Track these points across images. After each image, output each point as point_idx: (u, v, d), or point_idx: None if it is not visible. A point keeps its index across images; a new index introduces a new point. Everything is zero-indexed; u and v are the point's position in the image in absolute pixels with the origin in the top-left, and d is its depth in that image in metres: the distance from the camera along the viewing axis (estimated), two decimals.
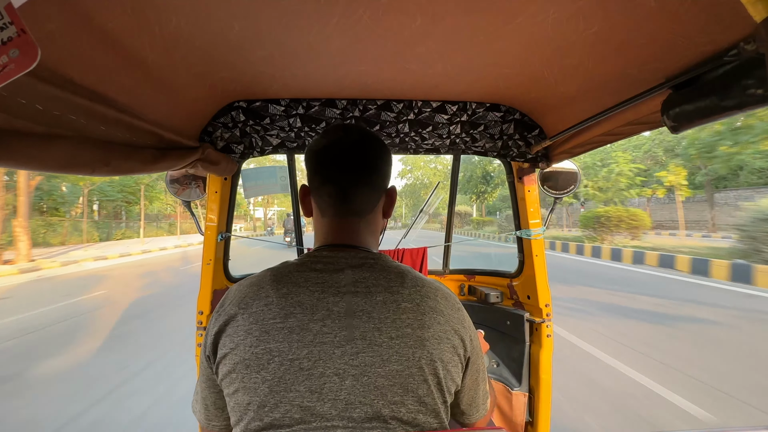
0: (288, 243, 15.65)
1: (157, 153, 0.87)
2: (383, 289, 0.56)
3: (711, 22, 0.59)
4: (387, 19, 0.68)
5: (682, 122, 0.71)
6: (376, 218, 0.67)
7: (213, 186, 1.37)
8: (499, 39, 0.76)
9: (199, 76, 0.91)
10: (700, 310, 5.45)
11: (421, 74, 1.00)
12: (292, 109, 1.21)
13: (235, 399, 0.53)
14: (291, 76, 1.00)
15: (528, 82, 1.03)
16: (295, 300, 0.55)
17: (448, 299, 0.60)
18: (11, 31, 0.36)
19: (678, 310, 5.49)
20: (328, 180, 0.63)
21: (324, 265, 0.59)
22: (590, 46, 0.74)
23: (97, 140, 0.70)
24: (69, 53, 0.59)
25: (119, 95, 0.74)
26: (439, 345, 0.55)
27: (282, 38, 0.76)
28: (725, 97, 0.61)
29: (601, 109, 0.91)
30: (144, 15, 0.61)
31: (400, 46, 0.81)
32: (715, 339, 4.24)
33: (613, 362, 3.57)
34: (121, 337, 4.51)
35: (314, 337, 0.52)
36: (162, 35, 0.68)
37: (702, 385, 3.10)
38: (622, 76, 0.82)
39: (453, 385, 0.57)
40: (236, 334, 0.54)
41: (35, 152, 0.58)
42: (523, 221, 1.49)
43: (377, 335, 0.53)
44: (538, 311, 1.41)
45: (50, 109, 0.59)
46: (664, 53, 0.70)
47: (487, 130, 1.32)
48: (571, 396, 2.92)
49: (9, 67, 0.36)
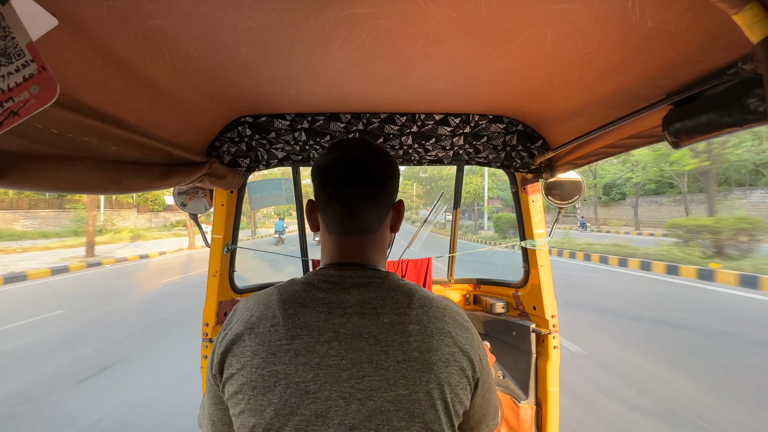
0: (276, 240, 17.75)
1: (165, 170, 0.89)
2: (390, 311, 0.56)
3: (709, 41, 0.59)
4: (388, 42, 0.70)
5: (683, 138, 0.71)
6: (384, 234, 0.66)
7: (219, 199, 1.39)
8: (499, 58, 0.78)
9: (206, 96, 0.93)
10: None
11: (423, 90, 1.01)
12: (297, 123, 1.23)
13: (240, 420, 0.53)
14: (295, 93, 1.02)
15: (530, 96, 1.04)
16: (301, 321, 0.55)
17: (456, 319, 0.60)
18: (33, 69, 0.38)
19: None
20: (335, 198, 0.62)
21: (330, 284, 0.59)
22: (590, 63, 0.76)
23: (108, 160, 0.72)
24: (83, 79, 0.61)
25: (130, 116, 0.76)
26: (447, 368, 0.54)
27: (287, 61, 0.78)
28: (725, 114, 0.61)
29: (602, 123, 0.92)
30: (155, 42, 0.64)
31: (402, 66, 0.82)
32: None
33: None
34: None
35: (320, 359, 0.52)
36: (172, 60, 0.70)
37: None
38: (623, 91, 0.83)
39: (461, 408, 0.57)
40: (243, 355, 0.54)
41: (50, 174, 0.60)
42: (528, 231, 1.48)
43: (384, 358, 0.53)
44: (545, 322, 1.40)
45: (65, 133, 0.61)
46: (664, 70, 0.71)
47: (491, 141, 1.33)
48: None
49: (30, 103, 0.38)
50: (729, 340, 4.36)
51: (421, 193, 38.22)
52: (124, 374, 3.66)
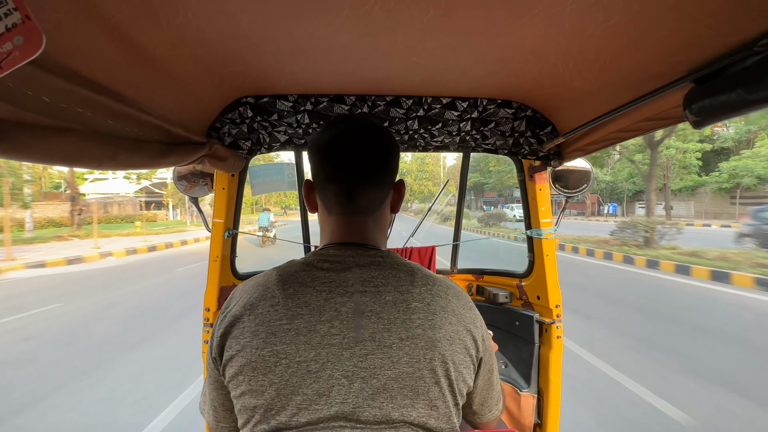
0: (262, 239, 12.62)
1: (164, 148, 0.86)
2: (392, 289, 0.55)
3: (739, 11, 0.56)
4: (398, 11, 0.66)
5: (706, 117, 0.68)
6: (384, 214, 0.65)
7: (220, 182, 1.36)
8: (513, 32, 0.74)
9: (206, 71, 0.90)
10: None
11: (432, 69, 0.98)
12: (300, 105, 1.20)
13: (242, 402, 0.52)
14: (299, 71, 0.99)
15: (541, 78, 1.00)
16: (301, 300, 0.53)
17: (460, 298, 0.59)
18: (15, 17, 0.35)
19: None
20: (334, 178, 0.60)
21: (331, 264, 0.57)
22: (608, 38, 0.72)
23: (104, 134, 0.69)
24: (75, 45, 0.58)
25: (127, 89, 0.74)
26: (451, 346, 0.53)
27: (290, 31, 0.74)
28: (753, 90, 0.58)
29: (617, 105, 0.88)
30: (151, 7, 0.60)
31: (411, 40, 0.79)
32: None
33: None
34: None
35: (322, 338, 0.51)
36: (169, 28, 0.67)
37: None
38: (642, 69, 0.79)
39: (465, 387, 0.56)
40: (242, 336, 0.53)
41: (41, 144, 0.57)
42: (534, 220, 1.46)
43: (387, 336, 0.52)
44: (549, 312, 1.38)
45: (57, 102, 0.58)
46: (687, 45, 0.67)
47: (498, 127, 1.30)
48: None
49: (13, 54, 0.35)
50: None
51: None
52: None
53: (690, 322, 5.01)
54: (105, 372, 3.65)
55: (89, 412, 2.92)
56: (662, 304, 5.96)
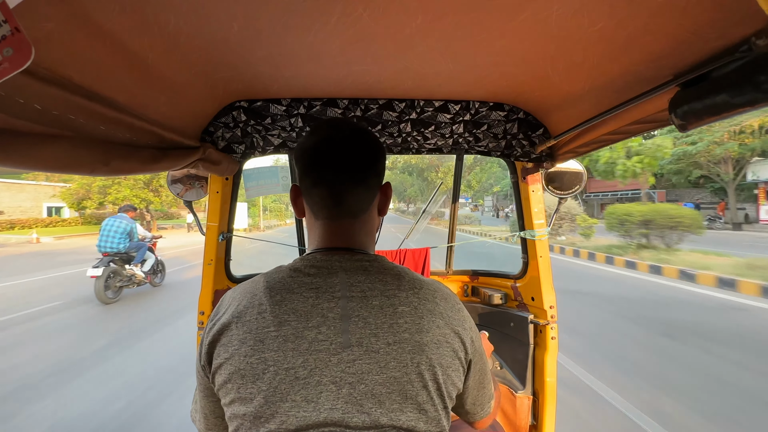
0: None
1: (157, 153, 0.86)
2: (379, 293, 0.55)
3: (721, 16, 0.57)
4: (387, 18, 0.67)
5: (691, 120, 0.69)
6: (372, 218, 0.64)
7: (214, 186, 1.36)
8: (501, 37, 0.75)
9: (199, 76, 0.90)
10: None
11: (423, 73, 0.98)
12: (293, 108, 1.21)
13: (231, 409, 0.52)
14: (291, 75, 0.99)
15: (532, 81, 1.02)
16: (289, 307, 0.53)
17: (448, 300, 0.59)
18: (5, 30, 0.35)
19: None
20: (320, 182, 0.60)
21: (317, 269, 0.57)
22: (595, 43, 0.73)
23: (96, 140, 0.69)
24: (67, 52, 0.58)
25: (119, 95, 0.74)
26: (439, 349, 0.53)
27: (281, 38, 0.75)
28: (736, 94, 0.59)
29: (606, 108, 0.90)
30: (143, 14, 0.61)
31: (401, 45, 0.79)
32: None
33: None
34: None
35: (309, 345, 0.51)
36: (161, 34, 0.67)
37: None
38: (628, 73, 0.81)
39: (454, 390, 0.56)
40: (230, 344, 0.53)
41: (34, 152, 0.57)
42: (528, 222, 1.47)
43: (374, 341, 0.52)
44: (543, 313, 1.39)
45: (49, 109, 0.59)
46: (672, 50, 0.68)
47: (491, 129, 1.31)
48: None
49: (3, 66, 0.35)
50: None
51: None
52: None
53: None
54: None
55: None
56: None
